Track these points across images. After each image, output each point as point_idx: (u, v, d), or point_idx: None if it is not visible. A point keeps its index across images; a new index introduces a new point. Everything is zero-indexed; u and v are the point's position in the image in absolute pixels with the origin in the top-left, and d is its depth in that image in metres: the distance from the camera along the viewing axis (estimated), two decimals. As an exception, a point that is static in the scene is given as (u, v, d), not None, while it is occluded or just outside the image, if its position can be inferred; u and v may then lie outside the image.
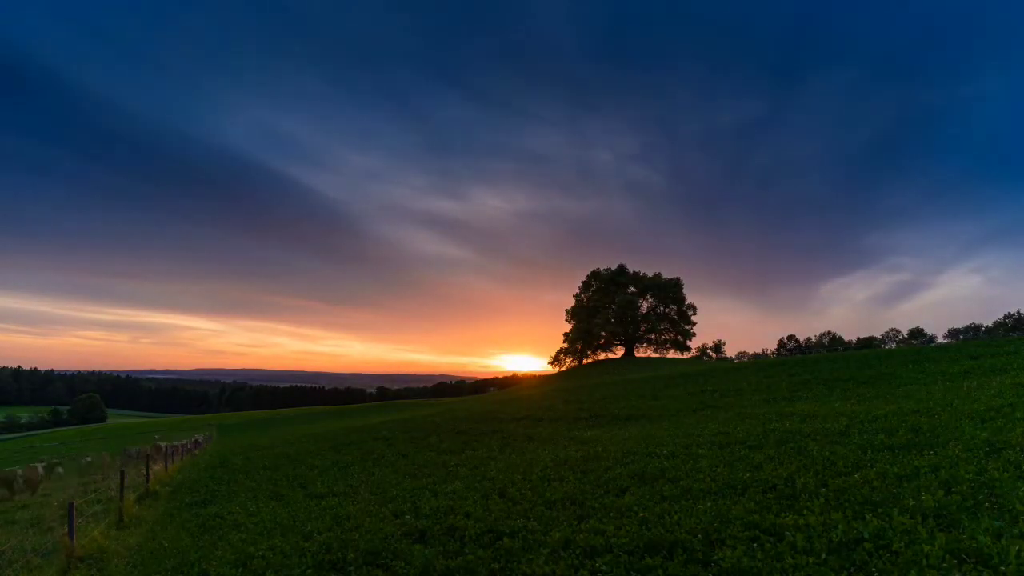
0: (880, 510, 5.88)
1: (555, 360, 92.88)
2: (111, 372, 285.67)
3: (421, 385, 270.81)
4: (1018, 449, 7.23)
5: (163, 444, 32.25)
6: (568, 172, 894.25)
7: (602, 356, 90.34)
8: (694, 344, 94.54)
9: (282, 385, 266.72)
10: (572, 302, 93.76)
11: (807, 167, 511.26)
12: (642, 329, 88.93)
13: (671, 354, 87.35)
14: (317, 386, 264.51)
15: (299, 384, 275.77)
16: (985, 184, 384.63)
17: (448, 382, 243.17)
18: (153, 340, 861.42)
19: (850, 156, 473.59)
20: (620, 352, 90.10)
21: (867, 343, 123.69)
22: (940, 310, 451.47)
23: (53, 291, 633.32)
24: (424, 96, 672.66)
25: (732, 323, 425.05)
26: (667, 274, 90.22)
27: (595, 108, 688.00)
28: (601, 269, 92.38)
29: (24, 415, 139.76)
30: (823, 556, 5.03)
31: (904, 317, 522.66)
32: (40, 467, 21.89)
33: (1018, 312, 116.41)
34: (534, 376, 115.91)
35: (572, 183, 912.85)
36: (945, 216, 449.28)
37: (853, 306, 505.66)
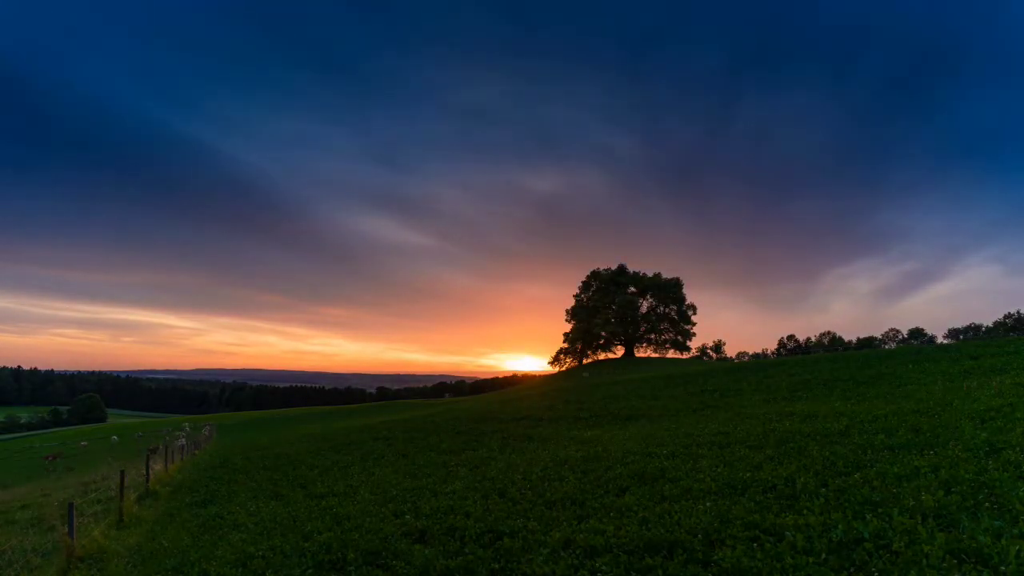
0: (880, 510, 5.89)
1: (555, 360, 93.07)
2: (111, 372, 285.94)
3: (421, 385, 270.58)
4: (1018, 449, 7.24)
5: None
6: (519, 133, 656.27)
7: (602, 356, 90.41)
8: (694, 344, 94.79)
9: (282, 385, 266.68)
10: (555, 297, 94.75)
11: (803, 128, 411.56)
12: (642, 329, 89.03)
13: (671, 354, 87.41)
14: (317, 386, 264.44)
15: (299, 384, 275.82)
16: (1008, 154, 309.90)
17: (448, 382, 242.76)
18: (134, 339, 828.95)
19: (849, 115, 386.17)
20: (620, 352, 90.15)
21: (867, 343, 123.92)
22: (952, 304, 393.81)
23: (28, 288, 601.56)
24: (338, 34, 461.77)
25: (730, 320, 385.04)
26: (662, 271, 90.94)
27: (542, 49, 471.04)
28: (601, 269, 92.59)
29: (24, 415, 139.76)
30: (823, 556, 5.03)
31: (913, 313, 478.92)
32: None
33: (1018, 312, 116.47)
34: (534, 376, 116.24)
35: (528, 151, 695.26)
36: (960, 194, 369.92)
37: (857, 299, 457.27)
